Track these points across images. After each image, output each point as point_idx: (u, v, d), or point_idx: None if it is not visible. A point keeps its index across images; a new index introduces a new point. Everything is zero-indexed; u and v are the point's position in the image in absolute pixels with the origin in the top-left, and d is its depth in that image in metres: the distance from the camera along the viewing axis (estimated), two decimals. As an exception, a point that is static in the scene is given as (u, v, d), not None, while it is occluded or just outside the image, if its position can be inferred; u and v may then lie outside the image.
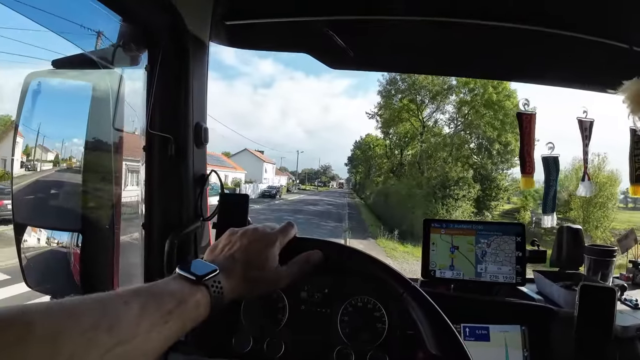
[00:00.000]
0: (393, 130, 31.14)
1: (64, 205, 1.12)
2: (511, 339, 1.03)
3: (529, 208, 22.18)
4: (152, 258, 1.11)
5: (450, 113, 27.26)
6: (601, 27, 1.16)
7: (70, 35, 1.07)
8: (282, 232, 0.76)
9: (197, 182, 1.16)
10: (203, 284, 0.58)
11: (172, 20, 1.03)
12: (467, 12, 1.16)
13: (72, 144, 1.12)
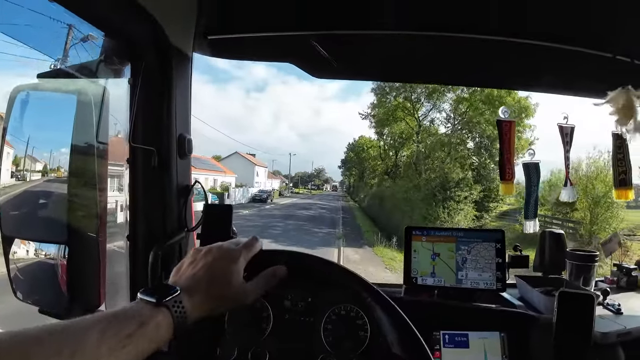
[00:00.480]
0: (387, 130, 30.66)
1: (50, 217, 1.14)
2: (490, 346, 1.06)
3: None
4: (137, 269, 1.14)
5: (447, 112, 26.72)
6: (585, 38, 1.21)
7: (53, 51, 1.10)
8: (247, 248, 0.77)
9: (181, 192, 1.18)
10: (164, 305, 0.59)
11: (154, 34, 1.06)
12: (453, 26, 1.22)
13: (59, 154, 1.15)
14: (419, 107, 27.75)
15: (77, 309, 1.05)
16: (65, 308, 1.05)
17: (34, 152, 1.16)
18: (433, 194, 18.56)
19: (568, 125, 1.48)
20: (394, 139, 30.96)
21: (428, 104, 27.37)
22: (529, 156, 1.54)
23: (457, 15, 1.19)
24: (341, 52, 1.36)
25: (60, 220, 1.08)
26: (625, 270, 1.47)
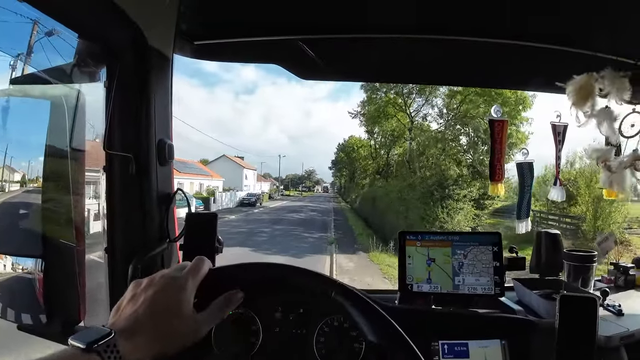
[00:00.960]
0: (378, 129, 30.49)
1: (25, 230, 1.11)
2: (491, 354, 1.03)
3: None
4: (117, 284, 1.10)
5: (440, 106, 26.36)
6: (566, 38, 1.23)
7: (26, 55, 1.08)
8: (192, 272, 0.71)
9: (162, 201, 1.15)
10: (94, 351, 0.55)
11: (131, 35, 1.03)
12: (440, 28, 1.23)
13: (37, 164, 1.11)
14: (410, 103, 27.43)
15: (56, 325, 1.02)
16: (44, 324, 1.02)
17: (12, 162, 1.13)
18: (430, 193, 17.83)
19: (561, 123, 1.48)
20: (385, 137, 30.84)
21: (420, 99, 26.97)
22: (522, 156, 1.53)
23: (444, 16, 1.20)
24: (329, 53, 1.37)
25: (35, 233, 1.05)
26: (622, 269, 1.47)
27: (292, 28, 1.25)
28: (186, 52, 1.30)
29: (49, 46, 1.10)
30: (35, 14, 0.99)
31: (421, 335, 1.03)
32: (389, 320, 0.71)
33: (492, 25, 1.22)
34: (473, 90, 22.91)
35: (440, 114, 26.36)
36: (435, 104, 26.51)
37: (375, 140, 33.27)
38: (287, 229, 20.20)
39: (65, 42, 1.08)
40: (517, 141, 21.45)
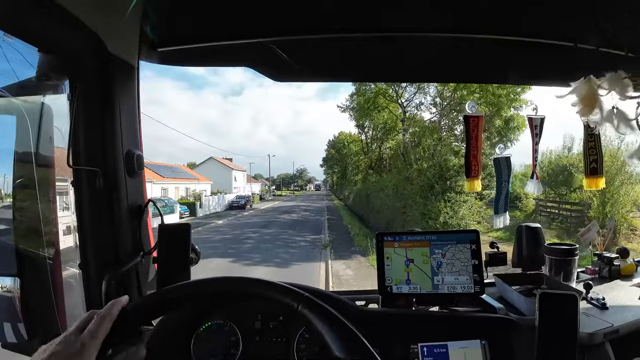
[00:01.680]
0: (369, 122, 29.96)
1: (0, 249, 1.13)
2: (471, 356, 1.06)
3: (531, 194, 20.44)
4: (93, 298, 1.11)
5: (432, 95, 25.36)
6: (549, 30, 1.27)
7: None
8: (92, 333, 0.66)
9: (133, 214, 1.16)
10: None
11: (91, 45, 1.04)
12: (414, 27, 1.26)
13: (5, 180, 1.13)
14: (402, 93, 26.46)
15: (37, 342, 1.02)
16: (27, 341, 1.05)
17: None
18: (430, 186, 16.81)
19: (538, 116, 1.51)
20: (377, 130, 30.49)
21: (412, 87, 25.82)
22: (499, 150, 1.56)
23: (418, 14, 1.22)
24: (301, 54, 1.39)
25: (10, 251, 1.07)
26: (606, 259, 1.51)
27: (262, 31, 1.26)
28: (153, 59, 1.31)
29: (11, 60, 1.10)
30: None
31: (401, 338, 1.05)
32: (357, 336, 0.71)
33: (468, 21, 1.24)
34: (467, 74, 22.71)
35: (434, 102, 25.74)
36: (427, 91, 25.62)
37: (366, 135, 33.00)
38: (276, 233, 19.17)
39: (26, 55, 1.08)
40: (519, 124, 21.15)
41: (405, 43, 1.35)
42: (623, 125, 1.20)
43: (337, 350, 0.70)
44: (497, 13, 1.20)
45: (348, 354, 0.70)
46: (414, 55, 1.47)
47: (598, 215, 12.94)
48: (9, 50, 1.05)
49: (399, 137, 28.10)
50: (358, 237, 17.38)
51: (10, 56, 1.06)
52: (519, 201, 19.08)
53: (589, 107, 1.21)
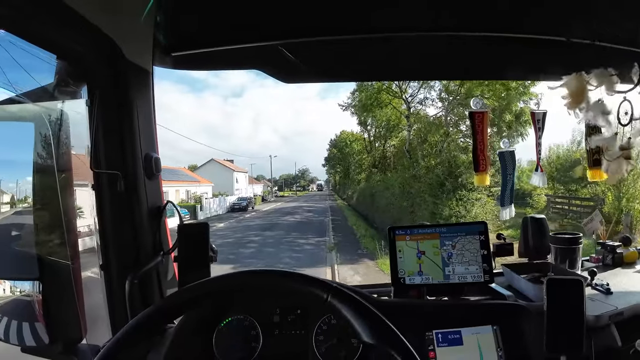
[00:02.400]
0: (371, 120, 29.60)
1: (20, 253, 1.17)
2: (484, 340, 1.14)
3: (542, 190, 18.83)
4: (115, 300, 1.18)
5: (437, 90, 24.60)
6: (541, 25, 1.34)
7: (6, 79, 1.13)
8: None
9: (152, 215, 1.23)
10: None
11: (108, 52, 1.11)
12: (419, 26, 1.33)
13: (25, 183, 1.19)
14: (406, 88, 25.77)
15: (58, 344, 1.09)
16: (47, 345, 1.08)
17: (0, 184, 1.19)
18: (440, 183, 16.15)
19: (540, 110, 1.58)
20: (380, 127, 30.19)
21: (416, 82, 24.89)
22: (504, 145, 1.63)
23: (423, 13, 1.30)
24: (309, 55, 1.46)
25: (30, 255, 1.11)
26: (609, 247, 1.58)
27: (270, 34, 1.33)
28: (166, 64, 1.38)
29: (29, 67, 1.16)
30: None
31: (416, 327, 1.12)
32: (384, 321, 0.76)
33: (466, 19, 1.31)
34: (474, 68, 22.30)
35: (439, 97, 25.32)
36: (432, 86, 24.75)
37: (369, 133, 32.74)
38: (280, 236, 18.75)
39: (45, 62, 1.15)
40: (529, 118, 20.91)
41: (408, 42, 1.42)
42: (601, 118, 1.29)
43: (366, 337, 0.75)
44: (493, 10, 1.27)
45: (377, 340, 0.75)
46: (416, 54, 1.55)
47: (613, 210, 12.74)
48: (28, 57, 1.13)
49: (403, 134, 27.79)
50: (365, 238, 17.05)
51: (28, 63, 1.13)
52: (530, 197, 18.74)
53: (576, 101, 1.29)
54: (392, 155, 28.80)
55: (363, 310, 0.78)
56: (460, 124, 24.15)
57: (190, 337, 1.13)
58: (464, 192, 15.53)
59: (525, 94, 20.41)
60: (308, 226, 22.65)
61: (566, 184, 17.39)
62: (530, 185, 18.74)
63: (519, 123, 21.37)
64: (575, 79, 1.28)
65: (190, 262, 1.18)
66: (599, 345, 1.13)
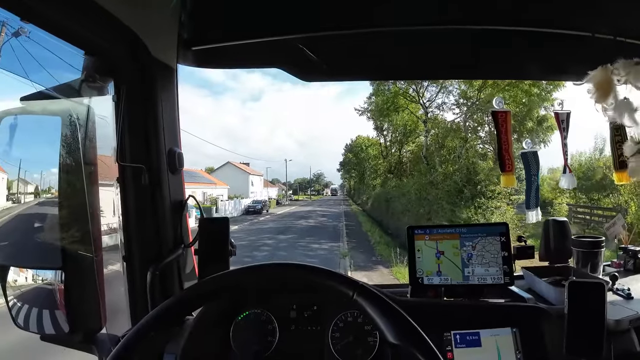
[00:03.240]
0: (388, 124, 29.53)
1: (44, 243, 1.22)
2: (503, 342, 1.14)
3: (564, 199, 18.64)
4: (136, 291, 1.23)
5: (455, 95, 24.57)
6: (564, 19, 1.32)
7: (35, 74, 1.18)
8: None
9: (175, 209, 1.27)
10: None
11: (134, 48, 1.16)
12: (437, 19, 1.33)
13: (49, 174, 1.23)
14: (423, 92, 25.74)
15: (78, 334, 1.14)
16: (67, 333, 1.12)
17: (25, 175, 1.24)
18: (459, 190, 16.02)
19: (564, 111, 1.58)
20: (396, 132, 29.95)
21: (434, 87, 25.02)
22: (526, 145, 1.64)
23: (449, 6, 1.30)
24: (330, 53, 1.48)
25: (54, 245, 1.15)
26: (631, 252, 1.57)
27: (291, 29, 1.36)
28: (189, 61, 1.43)
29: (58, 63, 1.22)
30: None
31: (434, 327, 1.14)
32: (409, 322, 0.78)
33: (492, 12, 1.31)
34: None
35: (457, 103, 24.86)
36: (451, 90, 24.73)
37: (385, 137, 32.62)
38: (293, 240, 19.13)
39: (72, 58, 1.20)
40: (553, 124, 20.57)
41: (429, 37, 1.43)
42: (627, 116, 1.26)
43: (390, 336, 0.78)
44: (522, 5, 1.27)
45: (402, 340, 0.77)
46: (438, 51, 1.55)
47: (636, 220, 12.40)
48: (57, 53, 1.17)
49: (419, 140, 27.61)
50: (379, 245, 16.93)
51: (57, 58, 1.17)
52: (551, 207, 18.04)
53: (603, 94, 1.27)
54: (409, 160, 28.64)
55: (389, 310, 0.80)
56: (479, 130, 23.98)
57: (209, 328, 1.17)
58: (483, 199, 15.32)
59: (547, 100, 20.14)
60: (322, 231, 22.73)
61: (588, 192, 17.06)
62: (552, 194, 18.77)
63: (540, 129, 21.15)
64: (601, 71, 1.26)
65: (210, 255, 1.22)
66: (618, 350, 1.12)
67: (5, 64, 1.20)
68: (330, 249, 16.35)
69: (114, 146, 1.20)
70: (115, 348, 0.76)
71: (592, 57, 1.30)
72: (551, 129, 20.26)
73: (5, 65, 1.18)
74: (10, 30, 1.13)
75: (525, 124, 21.15)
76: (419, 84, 24.80)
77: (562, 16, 1.31)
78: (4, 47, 1.16)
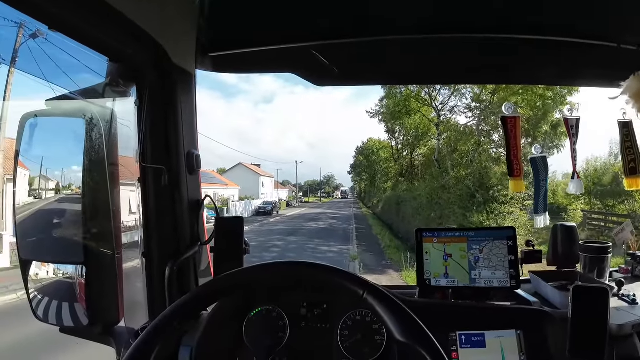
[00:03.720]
0: (399, 127, 29.45)
1: (66, 239, 1.27)
2: (507, 344, 1.17)
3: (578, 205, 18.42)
4: (154, 285, 1.29)
5: (468, 98, 24.53)
6: (590, 30, 1.36)
7: (60, 79, 1.25)
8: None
9: (192, 208, 1.34)
10: None
11: (156, 55, 1.22)
12: (452, 26, 1.37)
13: (69, 172, 1.29)
14: (436, 96, 25.64)
15: (97, 326, 1.19)
16: (85, 326, 1.18)
17: (47, 172, 1.30)
18: (471, 195, 15.93)
19: (573, 117, 1.60)
20: (408, 135, 29.82)
21: (446, 90, 24.86)
22: (535, 150, 1.66)
23: (455, 15, 1.34)
24: (342, 59, 1.53)
25: (76, 241, 1.21)
26: (639, 259, 1.58)
27: (305, 36, 1.42)
28: (207, 67, 1.49)
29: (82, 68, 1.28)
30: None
31: (440, 327, 1.17)
32: (416, 321, 0.81)
33: (507, 20, 1.35)
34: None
35: (469, 107, 24.58)
36: (464, 93, 24.62)
37: (396, 140, 32.49)
38: (303, 242, 19.27)
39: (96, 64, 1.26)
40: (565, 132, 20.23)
41: (445, 44, 1.47)
42: None
43: (397, 333, 0.81)
44: (537, 12, 1.30)
45: (409, 338, 0.80)
46: (453, 57, 1.59)
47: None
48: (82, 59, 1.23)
49: (431, 143, 27.37)
50: (389, 249, 16.91)
51: (82, 64, 1.24)
52: (565, 213, 18.02)
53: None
54: (420, 164, 28.41)
55: (397, 309, 0.83)
56: (492, 134, 23.66)
57: (223, 323, 1.22)
58: (495, 205, 15.12)
59: (562, 104, 19.73)
60: (332, 233, 22.71)
61: (603, 198, 16.83)
62: (566, 200, 18.49)
63: (555, 134, 20.91)
64: (636, 80, 1.29)
65: (225, 253, 1.28)
66: (621, 354, 1.15)
67: (32, 69, 1.27)
68: (339, 252, 16.39)
69: (135, 148, 1.26)
70: (139, 337, 0.81)
71: (613, 65, 1.33)
72: (565, 135, 19.40)
73: (33, 70, 1.25)
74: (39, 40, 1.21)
75: (539, 128, 20.95)
76: (432, 87, 24.55)
77: (587, 26, 1.34)
78: (33, 53, 1.24)
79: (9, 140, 7.94)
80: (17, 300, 7.47)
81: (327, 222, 29.88)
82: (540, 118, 20.76)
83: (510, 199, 15.02)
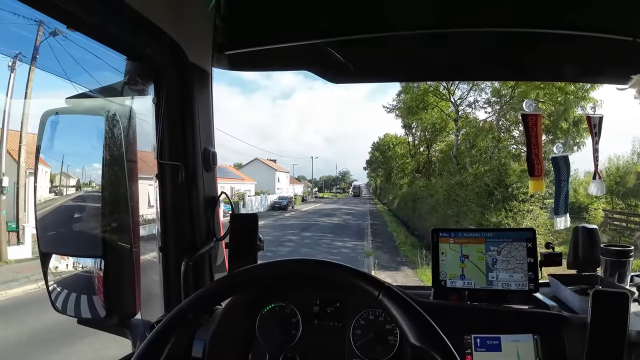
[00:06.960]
0: (416, 123, 29.09)
1: (86, 233, 1.30)
2: (523, 349, 1.15)
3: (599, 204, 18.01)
4: (171, 279, 1.32)
5: (488, 92, 23.96)
6: (605, 23, 1.31)
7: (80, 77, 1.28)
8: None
9: (208, 204, 1.36)
10: None
11: (173, 54, 1.23)
12: (468, 22, 1.35)
13: (90, 169, 1.31)
14: (454, 90, 25.25)
15: (114, 318, 1.21)
16: (102, 318, 1.20)
17: (68, 169, 1.33)
18: (489, 193, 15.56)
19: (596, 115, 1.56)
20: (425, 131, 29.33)
21: (465, 84, 24.32)
22: (557, 150, 1.62)
23: (472, 10, 1.32)
24: (357, 56, 1.52)
25: (96, 235, 1.23)
26: (662, 263, 1.54)
27: (320, 33, 1.41)
28: (222, 65, 1.50)
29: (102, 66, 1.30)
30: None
31: (455, 329, 1.16)
32: (431, 325, 0.80)
33: (523, 15, 1.32)
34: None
35: (488, 102, 24.14)
36: (483, 88, 24.14)
37: (413, 136, 32.20)
38: (317, 237, 19.26)
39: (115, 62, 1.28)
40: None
41: (459, 39, 1.45)
42: None
43: (411, 336, 0.79)
44: (551, 6, 1.27)
45: (424, 342, 0.78)
46: (469, 52, 1.57)
47: None
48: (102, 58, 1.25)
49: (449, 139, 27.06)
50: (404, 246, 16.77)
51: (102, 63, 1.26)
52: (586, 212, 17.60)
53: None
54: (438, 160, 28.15)
55: (412, 312, 0.82)
56: (512, 130, 23.24)
57: (236, 318, 1.23)
58: (514, 202, 14.87)
59: (584, 99, 19.09)
60: (346, 229, 22.77)
61: (625, 198, 16.42)
62: (587, 199, 17.95)
63: (576, 131, 20.29)
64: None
65: (240, 249, 1.29)
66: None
67: (53, 68, 1.30)
68: (354, 248, 16.34)
69: (153, 144, 1.28)
70: (154, 330, 0.82)
71: (629, 60, 1.29)
72: (587, 131, 18.92)
73: (53, 68, 1.29)
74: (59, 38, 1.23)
75: (560, 125, 20.48)
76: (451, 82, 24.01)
77: (603, 20, 1.30)
78: (54, 52, 1.27)
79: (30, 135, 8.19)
80: (37, 290, 7.70)
81: (342, 218, 29.92)
82: (561, 113, 20.24)
83: (530, 196, 14.68)
